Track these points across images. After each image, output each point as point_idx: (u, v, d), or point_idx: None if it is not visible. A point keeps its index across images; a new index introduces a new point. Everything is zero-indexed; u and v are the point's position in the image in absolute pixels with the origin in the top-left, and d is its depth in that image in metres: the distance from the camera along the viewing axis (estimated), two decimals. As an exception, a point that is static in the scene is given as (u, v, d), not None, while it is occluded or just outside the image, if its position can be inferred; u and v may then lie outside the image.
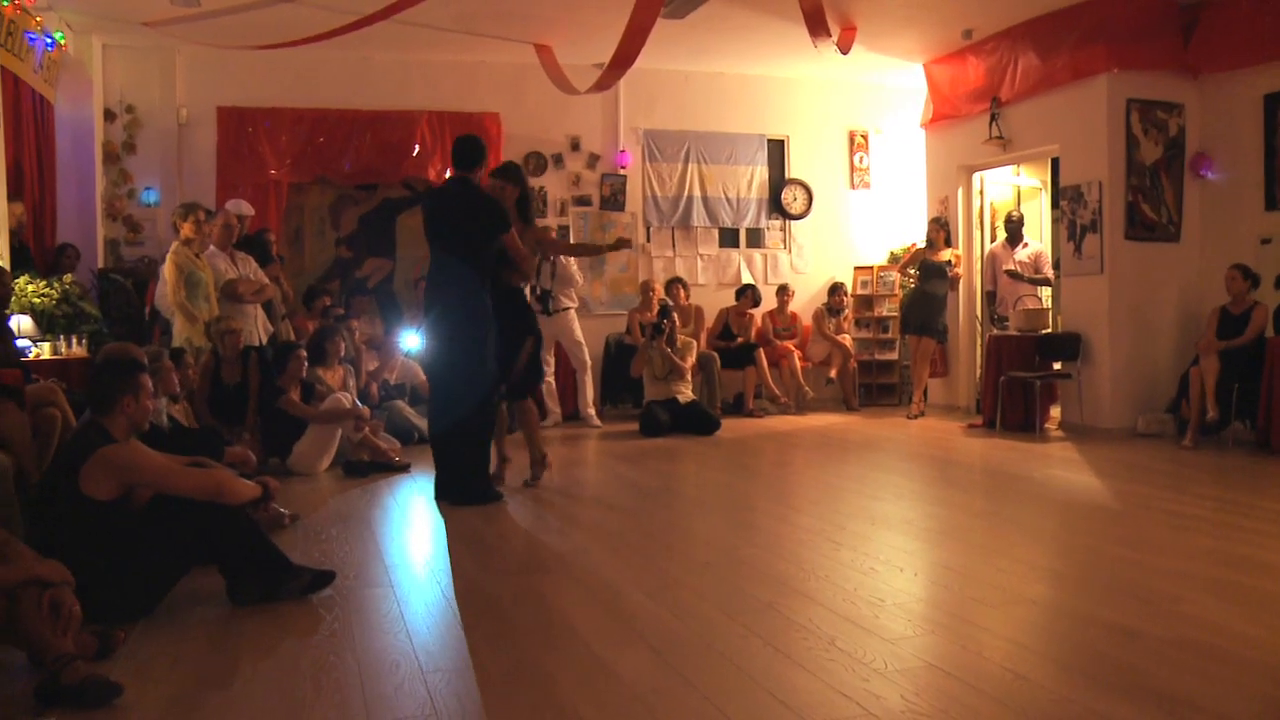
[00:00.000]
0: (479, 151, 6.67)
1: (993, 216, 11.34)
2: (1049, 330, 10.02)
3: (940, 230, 10.84)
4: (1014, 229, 10.52)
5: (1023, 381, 9.48)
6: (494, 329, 6.58)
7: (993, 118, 10.41)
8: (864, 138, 12.73)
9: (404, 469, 7.84)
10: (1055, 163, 10.46)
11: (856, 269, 12.47)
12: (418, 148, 11.08)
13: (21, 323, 7.47)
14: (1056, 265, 10.32)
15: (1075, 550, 5.33)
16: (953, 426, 10.10)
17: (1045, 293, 10.64)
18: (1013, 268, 10.28)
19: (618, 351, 11.24)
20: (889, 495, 6.82)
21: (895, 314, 11.92)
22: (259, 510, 4.68)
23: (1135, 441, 8.88)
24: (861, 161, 12.73)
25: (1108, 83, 9.18)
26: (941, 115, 11.39)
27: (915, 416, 10.71)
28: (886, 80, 12.37)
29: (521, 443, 7.27)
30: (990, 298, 10.71)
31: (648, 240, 12.06)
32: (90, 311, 8.48)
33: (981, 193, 11.31)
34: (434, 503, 6.58)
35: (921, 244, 11.17)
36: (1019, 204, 11.37)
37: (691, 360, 10.26)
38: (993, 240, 11.10)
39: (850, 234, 12.64)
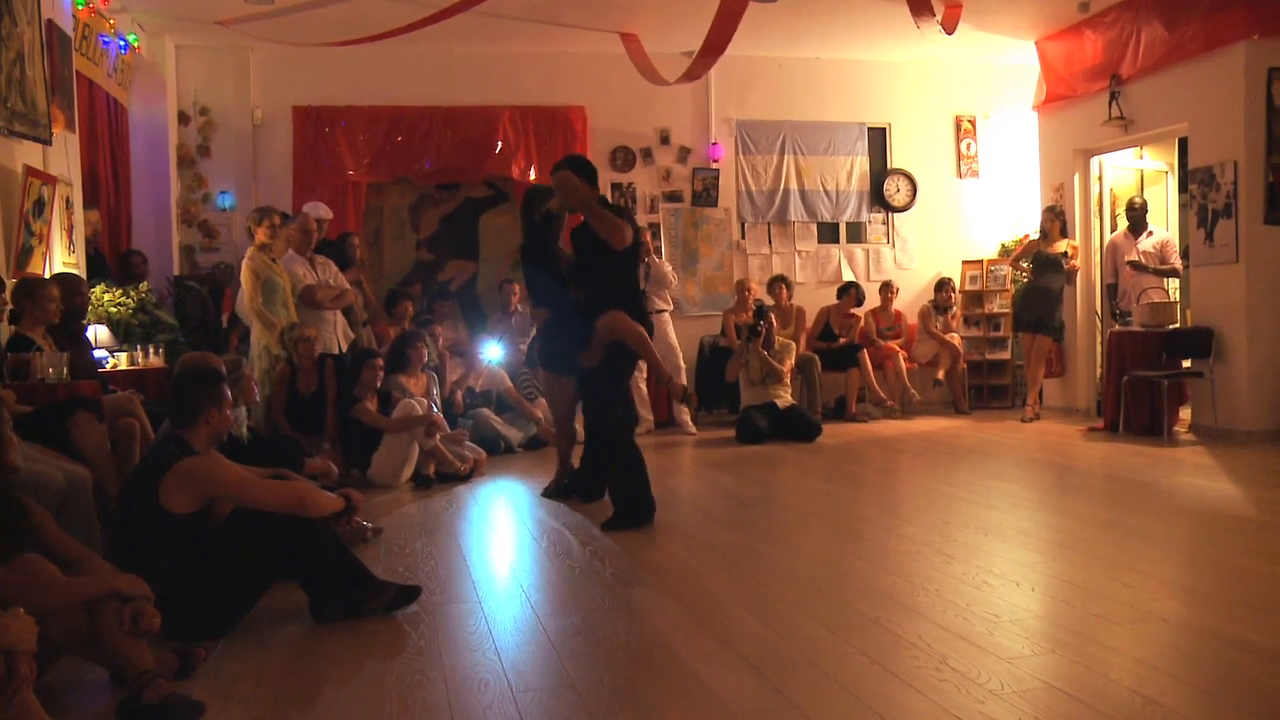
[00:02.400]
0: None
1: (1113, 204, 11.13)
2: (1177, 325, 9.77)
3: (1055, 220, 10.64)
4: (1137, 217, 10.29)
5: (1148, 381, 9.28)
6: None
7: (1113, 97, 10.19)
8: (971, 123, 12.56)
9: (465, 479, 7.95)
10: (1183, 143, 10.22)
11: (965, 263, 12.30)
12: (500, 144, 11.19)
13: (98, 332, 7.67)
14: (1185, 255, 10.08)
15: (1210, 564, 5.18)
16: (1071, 430, 9.91)
17: (1172, 285, 10.39)
18: (1136, 258, 10.05)
19: (712, 355, 11.21)
20: (1003, 504, 6.70)
21: (1007, 310, 11.73)
22: (342, 523, 4.76)
23: (1278, 445, 8.64)
24: (969, 148, 12.56)
25: (1245, 51, 8.88)
26: (1056, 96, 11.19)
27: (1030, 420, 10.52)
28: (995, 60, 12.19)
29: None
30: (1111, 291, 10.49)
31: (743, 237, 12.04)
32: (167, 320, 8.69)
33: (1100, 178, 11.09)
34: (537, 507, 6.84)
35: (1035, 235, 10.98)
36: (1142, 189, 11.14)
37: (790, 363, 10.20)
38: (1113, 229, 10.89)
39: (958, 226, 12.48)
